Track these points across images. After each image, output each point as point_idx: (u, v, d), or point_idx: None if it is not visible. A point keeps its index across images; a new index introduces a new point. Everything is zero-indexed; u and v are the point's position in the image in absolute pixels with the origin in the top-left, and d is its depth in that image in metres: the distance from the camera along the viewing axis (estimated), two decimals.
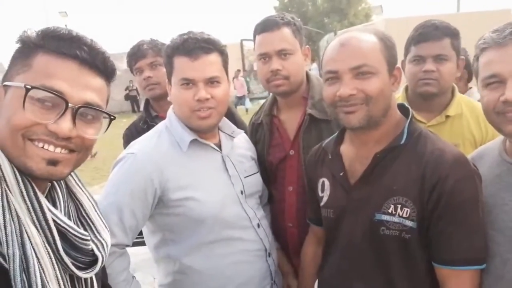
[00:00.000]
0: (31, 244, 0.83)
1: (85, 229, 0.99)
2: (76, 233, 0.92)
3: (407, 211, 1.24)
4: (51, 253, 0.86)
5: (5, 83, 0.89)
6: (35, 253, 0.83)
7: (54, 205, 0.94)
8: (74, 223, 0.95)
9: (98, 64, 0.94)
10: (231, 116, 1.79)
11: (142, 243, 1.75)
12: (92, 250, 0.96)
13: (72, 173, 1.01)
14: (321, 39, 22.30)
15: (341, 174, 1.40)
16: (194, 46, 1.49)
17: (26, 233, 0.83)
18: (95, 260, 0.98)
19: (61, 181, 1.00)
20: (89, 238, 0.96)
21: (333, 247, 1.45)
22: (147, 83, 2.31)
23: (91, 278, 1.00)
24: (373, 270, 1.32)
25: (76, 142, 0.91)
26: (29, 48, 0.90)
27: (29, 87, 0.84)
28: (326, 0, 33.32)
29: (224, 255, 1.56)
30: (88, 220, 1.02)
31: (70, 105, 0.87)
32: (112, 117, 0.99)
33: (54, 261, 0.87)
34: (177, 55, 1.52)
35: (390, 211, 1.26)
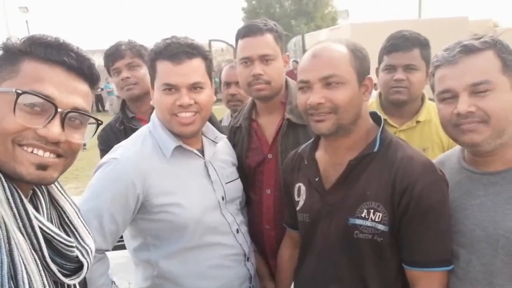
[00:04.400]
0: (18, 251, 0.82)
1: (69, 236, 0.99)
2: (62, 240, 0.91)
3: (379, 215, 1.29)
4: (37, 260, 0.86)
5: None
6: (22, 260, 0.82)
7: (37, 211, 0.93)
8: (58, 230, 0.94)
9: (85, 70, 0.95)
10: (209, 119, 1.80)
11: (118, 247, 1.72)
12: (77, 256, 0.96)
13: None
14: (289, 41, 22.54)
15: (317, 179, 1.44)
16: (177, 50, 1.48)
17: (13, 239, 0.82)
18: (80, 267, 0.98)
19: (43, 188, 0.99)
20: (74, 244, 0.96)
21: (309, 250, 1.48)
22: (125, 83, 2.29)
23: (74, 284, 1.00)
24: (347, 272, 1.36)
25: (63, 147, 0.91)
26: (14, 54, 0.89)
27: (20, 91, 0.84)
28: (294, 3, 33.67)
29: (203, 259, 1.56)
30: (72, 227, 1.02)
31: (59, 110, 0.88)
32: (99, 122, 0.99)
33: (40, 268, 0.86)
34: (160, 59, 1.50)
35: (363, 215, 1.31)
